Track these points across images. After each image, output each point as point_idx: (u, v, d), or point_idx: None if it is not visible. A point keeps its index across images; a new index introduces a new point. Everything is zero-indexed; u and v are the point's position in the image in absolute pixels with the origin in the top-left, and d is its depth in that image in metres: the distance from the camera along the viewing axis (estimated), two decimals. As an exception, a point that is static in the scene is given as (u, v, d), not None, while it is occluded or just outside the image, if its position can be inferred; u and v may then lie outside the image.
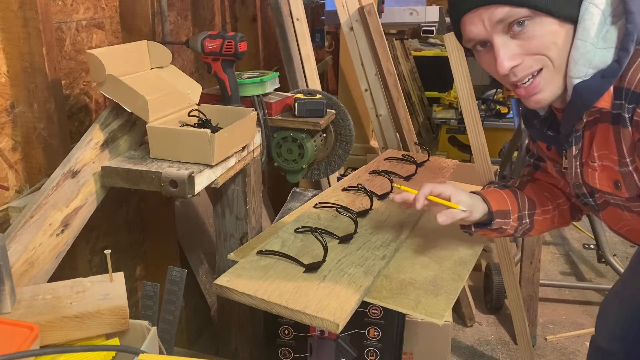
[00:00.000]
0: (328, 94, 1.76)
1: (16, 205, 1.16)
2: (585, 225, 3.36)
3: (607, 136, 0.94)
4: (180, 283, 1.20)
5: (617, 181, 0.97)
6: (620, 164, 0.94)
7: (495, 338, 2.40)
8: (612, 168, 0.96)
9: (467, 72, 2.15)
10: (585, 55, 0.90)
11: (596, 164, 0.99)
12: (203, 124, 1.35)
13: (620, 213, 1.05)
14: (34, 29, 1.18)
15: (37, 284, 1.04)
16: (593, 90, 0.91)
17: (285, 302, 1.01)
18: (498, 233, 1.22)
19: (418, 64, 4.46)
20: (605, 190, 1.01)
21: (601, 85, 0.90)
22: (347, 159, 1.82)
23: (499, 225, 1.19)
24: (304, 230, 1.28)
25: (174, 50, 1.63)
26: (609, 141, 0.94)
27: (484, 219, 1.19)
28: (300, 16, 2.22)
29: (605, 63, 0.90)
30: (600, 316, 1.46)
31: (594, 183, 1.02)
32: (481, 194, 1.21)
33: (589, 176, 1.02)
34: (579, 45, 0.89)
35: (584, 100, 0.92)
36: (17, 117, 1.24)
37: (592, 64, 0.90)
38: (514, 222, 1.20)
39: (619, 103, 0.90)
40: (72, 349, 0.86)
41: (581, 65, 0.90)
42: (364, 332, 1.45)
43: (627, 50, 0.87)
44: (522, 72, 0.94)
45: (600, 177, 0.99)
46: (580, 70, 0.91)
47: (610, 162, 0.96)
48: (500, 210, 1.19)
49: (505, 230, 1.21)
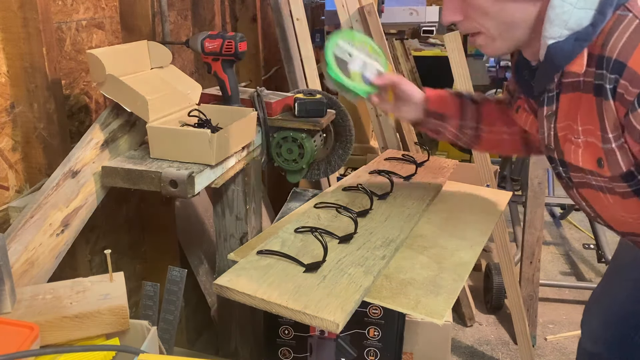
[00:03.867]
0: (328, 94, 1.76)
1: (16, 205, 1.16)
2: (585, 225, 3.36)
3: (591, 109, 0.90)
4: (180, 283, 1.20)
5: (600, 159, 0.92)
6: (603, 139, 0.90)
7: (495, 338, 2.40)
8: (595, 144, 0.92)
9: (467, 72, 2.15)
10: (561, 16, 0.88)
11: (580, 140, 0.94)
12: (203, 124, 1.35)
13: (601, 197, 1.00)
14: (34, 29, 1.18)
15: (37, 284, 1.04)
16: (565, 53, 0.89)
17: (285, 302, 1.01)
18: (436, 133, 1.30)
19: (418, 64, 4.46)
20: (588, 168, 0.96)
21: (573, 49, 0.89)
22: (347, 159, 1.82)
23: (435, 127, 1.28)
24: (304, 230, 1.28)
25: (174, 50, 1.63)
26: (593, 115, 0.90)
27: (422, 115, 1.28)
28: (300, 16, 2.22)
29: (581, 25, 0.88)
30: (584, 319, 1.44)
31: (577, 160, 0.97)
32: (426, 91, 1.28)
33: (571, 153, 0.97)
34: (556, 5, 0.88)
35: (555, 63, 0.92)
36: (17, 117, 1.24)
37: (568, 25, 0.88)
38: (452, 127, 1.26)
39: (600, 73, 0.86)
40: (72, 349, 0.86)
41: (556, 26, 0.89)
42: (364, 332, 1.45)
43: (603, 13, 0.86)
44: (461, 28, 1.00)
45: (584, 154, 0.95)
46: (555, 31, 0.89)
47: (594, 139, 0.92)
48: (436, 112, 1.27)
49: (442, 134, 1.29)
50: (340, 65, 1.22)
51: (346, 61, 1.23)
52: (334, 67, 1.21)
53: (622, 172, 0.91)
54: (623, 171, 0.90)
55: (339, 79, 1.22)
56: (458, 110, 1.25)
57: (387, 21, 2.98)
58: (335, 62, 1.22)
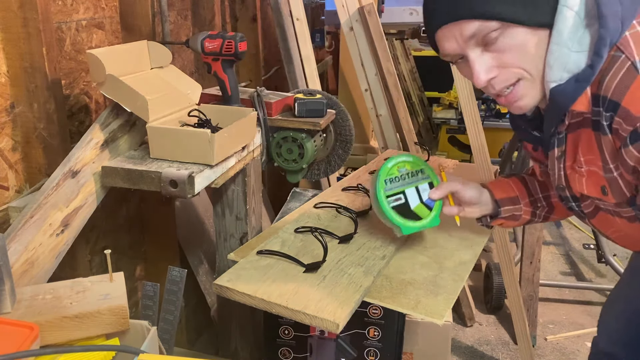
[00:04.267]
0: (328, 94, 1.76)
1: (16, 205, 1.16)
2: (585, 225, 3.36)
3: (591, 142, 0.94)
4: (180, 283, 1.20)
5: (604, 187, 0.96)
6: (604, 169, 0.93)
7: (495, 338, 2.40)
8: (597, 173, 0.95)
9: (467, 72, 2.14)
10: (560, 59, 0.89)
11: (583, 169, 0.98)
12: (203, 124, 1.35)
13: (611, 219, 1.04)
14: (34, 29, 1.18)
15: (37, 284, 1.04)
16: (567, 95, 0.91)
17: (285, 302, 1.01)
18: (514, 220, 1.24)
19: (418, 64, 4.46)
20: (593, 195, 1.00)
21: (575, 90, 0.90)
22: (347, 159, 1.82)
23: (510, 212, 1.22)
24: (304, 230, 1.28)
25: (174, 50, 1.63)
26: (593, 147, 0.94)
27: (492, 209, 1.23)
28: (300, 16, 2.22)
29: (580, 67, 0.89)
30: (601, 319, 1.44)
31: (582, 189, 1.00)
32: (486, 185, 1.24)
33: (576, 182, 1.01)
34: (554, 50, 0.89)
35: (559, 105, 0.93)
36: (17, 117, 1.24)
37: (567, 67, 0.89)
38: (526, 206, 1.22)
39: (597, 110, 0.89)
40: (72, 349, 0.86)
41: (556, 70, 0.90)
42: (364, 332, 1.45)
43: (599, 55, 0.87)
44: (499, 85, 0.94)
45: (588, 182, 0.98)
46: (555, 75, 0.90)
47: (596, 168, 0.95)
48: (506, 197, 1.21)
49: (520, 217, 1.23)
50: (401, 211, 1.17)
51: (404, 203, 1.18)
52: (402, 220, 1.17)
53: (626, 197, 0.94)
54: (627, 197, 0.94)
55: (415, 228, 1.18)
56: (523, 188, 1.24)
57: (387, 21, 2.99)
58: (396, 212, 1.17)
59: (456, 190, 1.20)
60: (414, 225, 1.18)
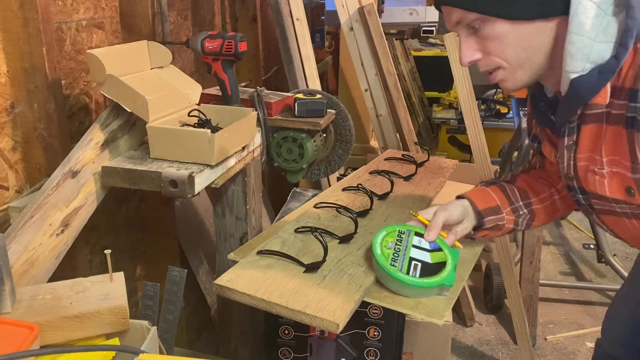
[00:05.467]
0: (328, 94, 1.76)
1: (16, 205, 1.16)
2: (585, 225, 3.36)
3: (620, 140, 0.91)
4: (180, 283, 1.20)
5: (630, 188, 0.93)
6: (633, 170, 0.90)
7: (495, 338, 2.40)
8: (624, 175, 0.93)
9: (467, 72, 2.15)
10: (583, 50, 0.88)
11: (604, 171, 0.95)
12: (203, 124, 1.35)
13: (624, 222, 1.02)
14: (34, 29, 1.18)
15: (37, 284, 1.04)
16: (590, 87, 0.90)
17: (285, 302, 1.01)
18: (497, 230, 1.21)
19: (418, 64, 4.46)
20: (616, 197, 0.96)
21: (598, 82, 0.89)
22: (347, 159, 1.82)
23: (494, 223, 1.19)
24: (304, 230, 1.28)
25: (174, 50, 1.63)
26: (622, 146, 0.91)
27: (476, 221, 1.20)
28: (300, 16, 2.22)
29: (603, 58, 0.88)
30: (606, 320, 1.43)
31: (603, 191, 0.97)
32: (466, 196, 1.21)
33: (596, 184, 0.98)
34: (575, 40, 0.88)
35: (580, 96, 0.92)
36: (17, 117, 1.24)
37: (590, 58, 0.88)
38: (508, 215, 1.20)
39: (634, 105, 0.87)
40: (72, 349, 0.86)
41: (578, 60, 0.89)
42: (364, 332, 1.45)
43: (625, 46, 0.86)
44: (482, 68, 0.99)
45: (610, 184, 0.96)
46: (577, 65, 0.89)
47: (621, 169, 0.93)
48: (488, 207, 1.19)
49: (504, 226, 1.21)
50: (428, 272, 1.08)
51: (422, 265, 1.10)
52: (438, 277, 1.08)
53: None
54: None
55: (452, 273, 1.09)
56: (504, 196, 1.21)
57: (387, 21, 2.98)
58: (427, 278, 1.07)
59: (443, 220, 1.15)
60: (449, 271, 1.10)
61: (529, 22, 0.91)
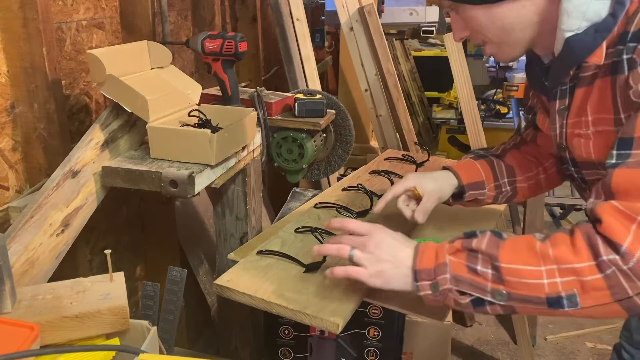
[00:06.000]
0: (328, 94, 1.76)
1: (16, 205, 1.16)
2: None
3: (605, 93, 0.89)
4: (180, 283, 1.20)
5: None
6: (615, 122, 0.88)
7: (495, 338, 2.40)
8: (608, 131, 0.90)
9: (467, 72, 2.15)
10: (579, 7, 0.87)
11: (590, 131, 0.93)
12: (203, 124, 1.35)
13: None
14: (34, 29, 1.18)
15: (37, 284, 1.04)
16: (585, 45, 0.88)
17: (286, 302, 1.01)
18: (475, 203, 1.24)
19: (418, 64, 4.46)
20: (601, 159, 0.93)
21: (594, 40, 0.88)
22: (347, 159, 1.82)
23: (474, 197, 1.22)
24: (304, 230, 1.28)
25: (174, 50, 1.63)
26: (606, 98, 0.89)
27: (456, 192, 1.22)
28: (300, 16, 2.22)
29: (600, 16, 0.87)
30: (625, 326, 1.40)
31: (589, 154, 0.95)
32: (452, 168, 1.23)
33: (581, 147, 0.97)
34: None
35: (575, 55, 0.90)
36: (17, 117, 1.24)
37: (586, 16, 0.87)
38: (490, 191, 1.21)
39: (621, 49, 0.85)
40: (72, 349, 0.86)
41: (574, 18, 0.88)
42: (364, 332, 1.45)
43: (622, 3, 0.85)
44: (472, 43, 1.03)
45: (595, 145, 0.93)
46: (573, 23, 0.88)
47: (606, 125, 0.90)
48: (472, 182, 1.21)
49: (483, 201, 1.23)
50: None
51: None
52: None
53: None
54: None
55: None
56: (490, 172, 1.22)
57: (387, 21, 2.98)
58: None
59: (401, 191, 1.20)
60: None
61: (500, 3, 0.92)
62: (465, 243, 0.89)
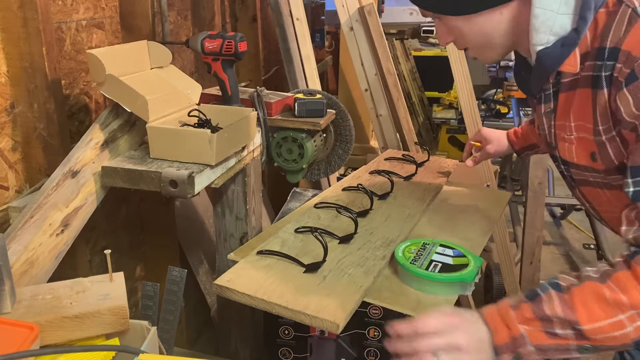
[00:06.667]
0: (328, 94, 1.76)
1: (16, 205, 1.16)
2: (586, 225, 3.36)
3: (585, 102, 0.94)
4: (180, 283, 1.20)
5: (594, 153, 0.96)
6: (594, 132, 0.94)
7: (495, 338, 2.40)
8: (587, 139, 0.96)
9: (467, 72, 2.15)
10: (546, 23, 0.92)
11: (573, 137, 0.99)
12: (203, 124, 1.35)
13: (599, 193, 1.04)
14: (34, 29, 1.18)
15: (37, 284, 1.04)
16: (554, 58, 0.94)
17: (286, 302, 1.01)
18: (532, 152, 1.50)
19: (418, 64, 4.46)
20: (582, 163, 1.00)
21: (561, 53, 0.93)
22: (347, 159, 1.82)
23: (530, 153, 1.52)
24: (304, 230, 1.28)
25: (174, 50, 1.63)
26: (586, 108, 0.94)
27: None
28: (300, 16, 2.22)
29: (565, 30, 0.92)
30: None
31: (571, 157, 1.01)
32: (510, 138, 1.51)
33: (565, 151, 1.02)
34: (539, 14, 0.92)
35: (546, 67, 0.96)
36: (17, 117, 1.24)
37: (553, 30, 0.92)
38: (544, 149, 1.29)
39: (600, 64, 0.90)
40: (72, 349, 0.86)
41: (542, 33, 0.93)
42: (364, 332, 1.45)
43: (584, 18, 0.90)
44: (457, 47, 1.08)
45: (577, 150, 0.99)
46: (541, 38, 0.93)
47: (586, 133, 0.96)
48: (525, 146, 1.48)
49: (539, 151, 1.48)
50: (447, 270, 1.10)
51: (442, 265, 1.11)
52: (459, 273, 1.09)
53: (615, 165, 0.94)
54: (615, 164, 0.94)
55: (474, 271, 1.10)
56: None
57: (387, 21, 2.99)
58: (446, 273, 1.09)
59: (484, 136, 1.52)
60: (470, 269, 1.10)
61: (479, 13, 0.97)
62: (536, 310, 0.87)
